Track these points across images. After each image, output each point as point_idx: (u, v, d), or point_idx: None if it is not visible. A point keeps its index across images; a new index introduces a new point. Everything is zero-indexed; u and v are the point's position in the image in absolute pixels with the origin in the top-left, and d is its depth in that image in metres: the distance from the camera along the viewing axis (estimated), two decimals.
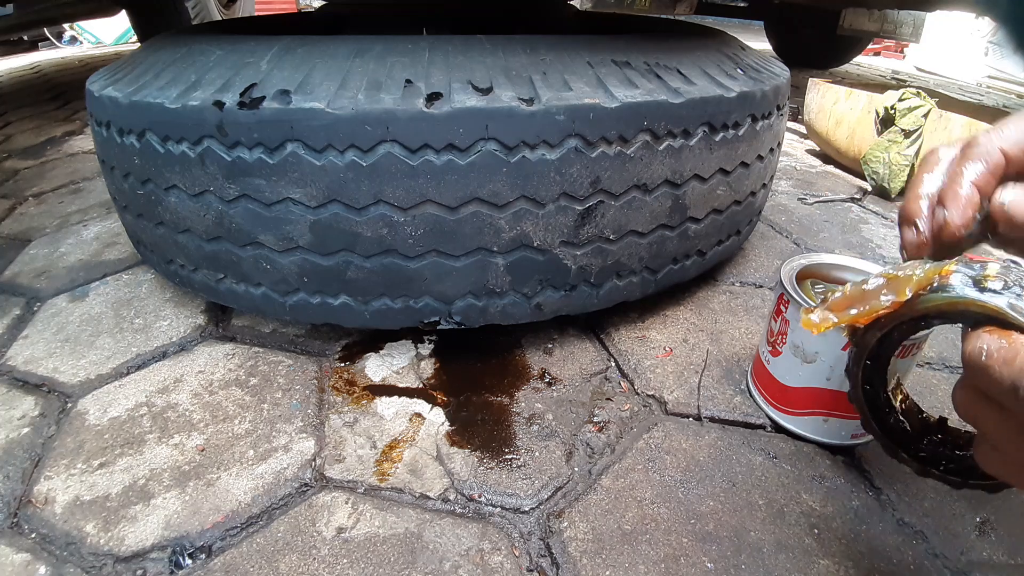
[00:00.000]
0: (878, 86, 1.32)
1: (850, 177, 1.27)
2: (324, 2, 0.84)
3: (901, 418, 0.34)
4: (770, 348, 0.54)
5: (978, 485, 0.32)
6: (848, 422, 0.52)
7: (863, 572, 0.43)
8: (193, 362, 0.64)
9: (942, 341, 0.69)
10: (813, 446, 0.53)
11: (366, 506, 0.47)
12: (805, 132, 1.48)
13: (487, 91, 0.50)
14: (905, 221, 0.31)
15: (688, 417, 0.57)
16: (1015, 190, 0.28)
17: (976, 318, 0.25)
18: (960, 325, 0.27)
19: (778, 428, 0.55)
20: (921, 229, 0.31)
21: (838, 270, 0.57)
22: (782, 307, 0.52)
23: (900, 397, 0.35)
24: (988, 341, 0.24)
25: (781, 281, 0.52)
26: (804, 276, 0.56)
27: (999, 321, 0.24)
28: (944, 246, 0.30)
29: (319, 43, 0.56)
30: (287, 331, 0.69)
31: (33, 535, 0.45)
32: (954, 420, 0.33)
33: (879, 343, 0.31)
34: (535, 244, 0.55)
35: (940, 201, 0.30)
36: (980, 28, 2.70)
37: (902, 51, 3.45)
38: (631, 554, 0.44)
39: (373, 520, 0.46)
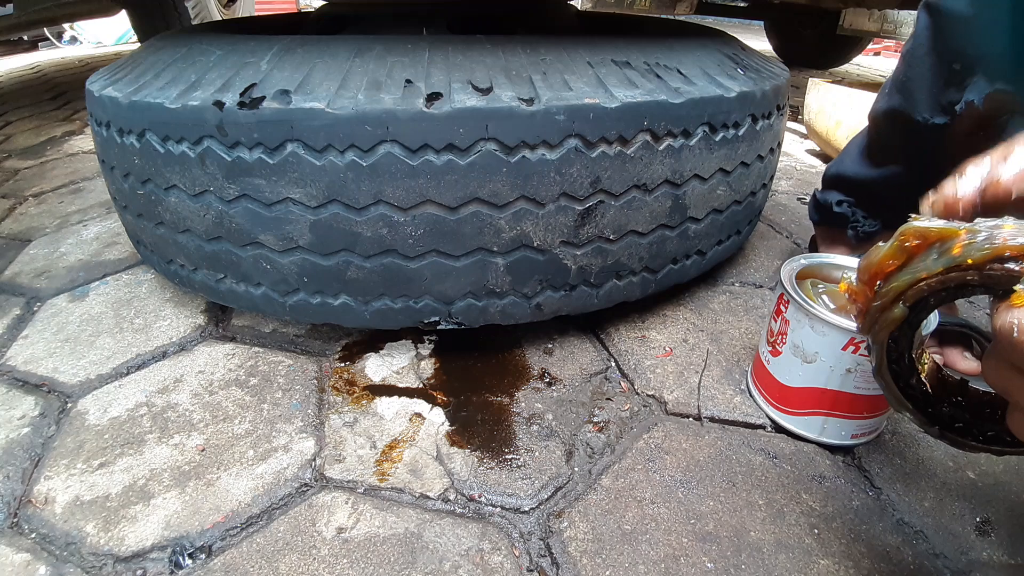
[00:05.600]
0: (878, 86, 1.31)
1: None
2: (324, 2, 0.84)
3: (923, 380, 0.33)
4: (770, 348, 0.54)
5: (999, 450, 0.32)
6: (848, 422, 0.52)
7: (863, 572, 0.43)
8: (193, 362, 0.64)
9: None
10: (813, 446, 0.53)
11: (366, 506, 0.47)
12: (805, 132, 1.48)
13: (487, 91, 0.50)
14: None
15: (688, 417, 0.57)
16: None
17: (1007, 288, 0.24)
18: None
19: (778, 428, 0.55)
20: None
21: (838, 270, 0.57)
22: (782, 307, 0.52)
23: (925, 360, 0.34)
24: (1019, 316, 0.23)
25: (781, 281, 0.52)
26: (804, 276, 0.56)
27: None
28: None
29: (319, 43, 0.56)
30: (287, 331, 0.69)
31: (33, 535, 0.45)
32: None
33: (913, 309, 0.29)
34: (535, 244, 0.55)
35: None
36: None
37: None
38: (631, 554, 0.44)
39: (373, 520, 0.46)
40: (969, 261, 0.25)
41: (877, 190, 0.71)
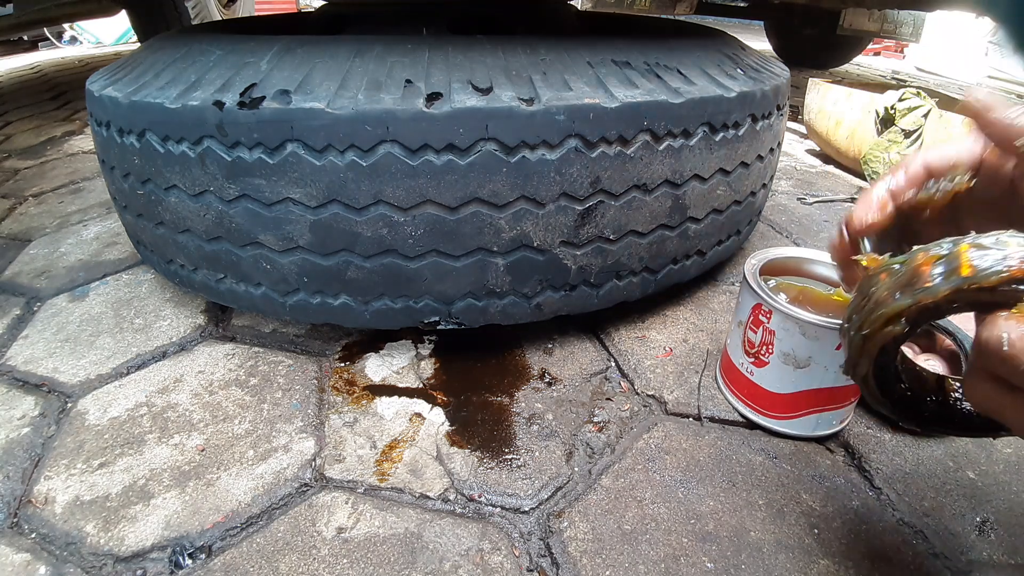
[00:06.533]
0: (878, 86, 1.32)
1: (850, 177, 1.27)
2: (324, 2, 0.84)
3: (904, 384, 0.33)
4: (752, 360, 0.53)
5: (982, 434, 0.33)
6: (838, 411, 0.52)
7: (863, 572, 0.43)
8: (193, 362, 0.64)
9: None
10: (813, 445, 0.53)
11: (366, 506, 0.47)
12: (805, 132, 1.48)
13: (487, 91, 0.50)
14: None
15: (688, 417, 0.57)
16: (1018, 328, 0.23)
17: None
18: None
19: (771, 433, 0.55)
20: (841, 231, 0.35)
21: (807, 264, 0.57)
22: (762, 318, 0.51)
23: (904, 364, 0.34)
24: (1009, 328, 0.23)
25: (758, 292, 0.51)
26: (766, 274, 0.55)
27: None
28: (852, 241, 0.35)
29: (319, 43, 0.56)
30: (287, 331, 0.69)
31: (33, 535, 0.45)
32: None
33: (912, 324, 0.28)
34: (535, 244, 0.55)
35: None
36: (980, 28, 2.70)
37: (902, 51, 3.45)
38: (631, 554, 0.44)
39: (373, 520, 0.46)
40: (985, 284, 0.24)
41: None
